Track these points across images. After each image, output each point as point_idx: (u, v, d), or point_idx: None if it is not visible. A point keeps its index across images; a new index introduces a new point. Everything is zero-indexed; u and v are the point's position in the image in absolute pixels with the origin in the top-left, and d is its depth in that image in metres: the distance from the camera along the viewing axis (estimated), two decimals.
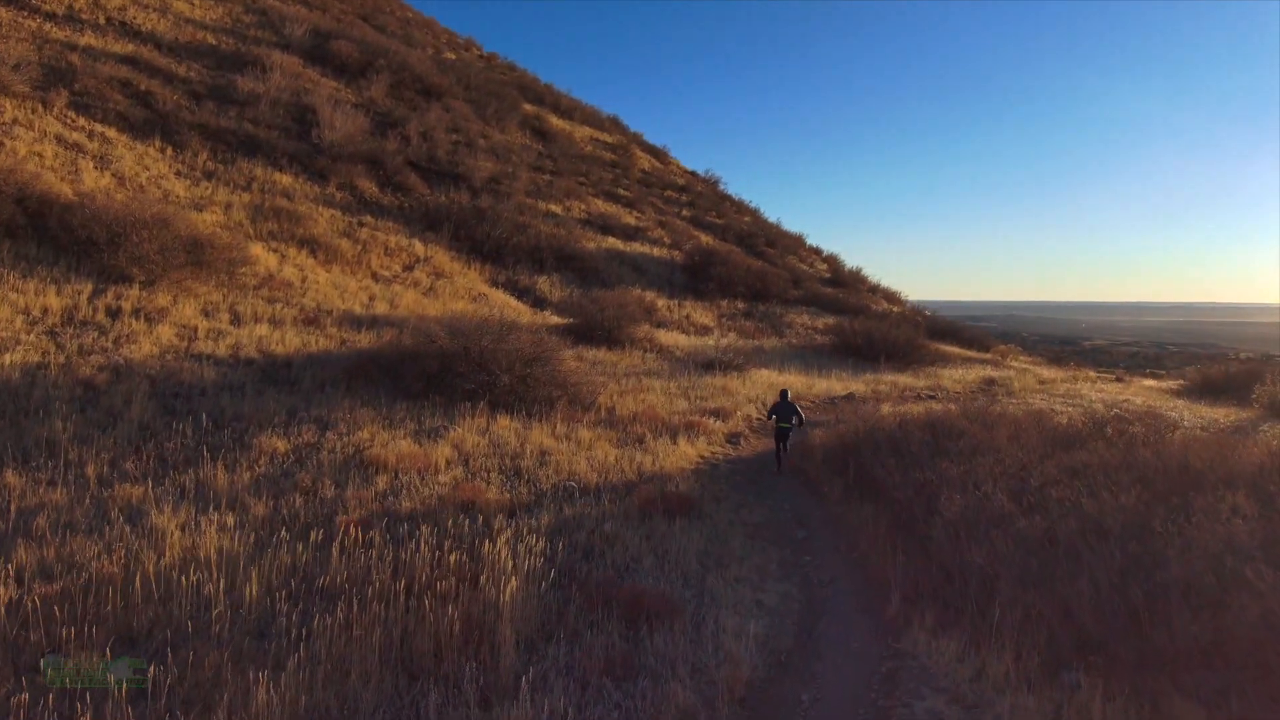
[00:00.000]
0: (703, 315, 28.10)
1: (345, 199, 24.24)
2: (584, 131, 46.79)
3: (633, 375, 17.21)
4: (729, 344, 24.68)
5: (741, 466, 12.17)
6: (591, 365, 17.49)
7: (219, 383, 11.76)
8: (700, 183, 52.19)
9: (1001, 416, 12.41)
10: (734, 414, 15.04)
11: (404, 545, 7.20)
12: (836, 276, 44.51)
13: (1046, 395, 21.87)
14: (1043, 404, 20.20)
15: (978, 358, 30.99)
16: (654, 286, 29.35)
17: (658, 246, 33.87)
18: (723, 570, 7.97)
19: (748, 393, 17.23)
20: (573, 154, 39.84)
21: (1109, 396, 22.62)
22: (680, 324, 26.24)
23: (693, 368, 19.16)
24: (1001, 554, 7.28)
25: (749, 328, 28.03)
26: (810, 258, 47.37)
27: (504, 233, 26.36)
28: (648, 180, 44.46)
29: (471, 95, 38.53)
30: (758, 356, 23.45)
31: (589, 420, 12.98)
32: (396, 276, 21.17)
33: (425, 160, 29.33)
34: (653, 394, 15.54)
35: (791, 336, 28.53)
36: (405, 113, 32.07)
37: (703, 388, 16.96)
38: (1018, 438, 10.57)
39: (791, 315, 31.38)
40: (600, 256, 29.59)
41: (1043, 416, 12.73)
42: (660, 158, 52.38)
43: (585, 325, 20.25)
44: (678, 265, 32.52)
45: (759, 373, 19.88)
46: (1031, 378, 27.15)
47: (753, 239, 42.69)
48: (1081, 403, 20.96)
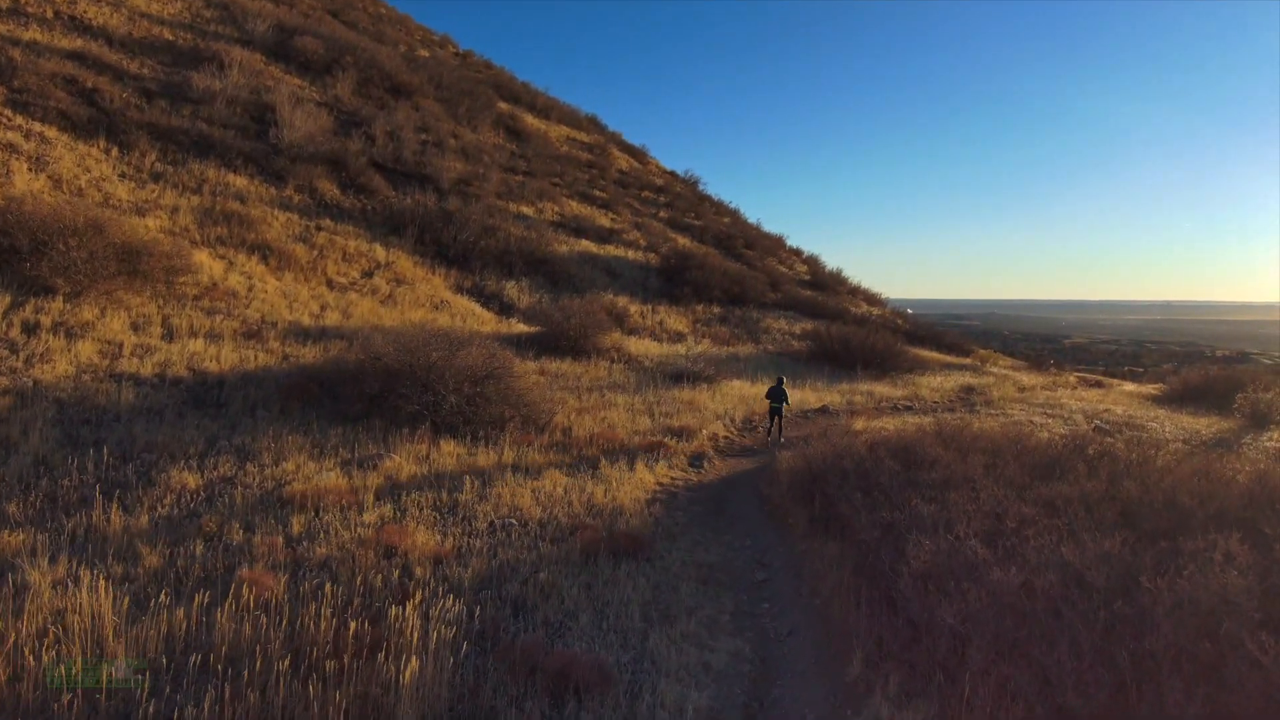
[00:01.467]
0: (677, 321, 27.31)
1: (303, 202, 23.25)
2: (560, 131, 45.89)
3: (596, 389, 16.38)
4: (702, 352, 23.91)
5: (703, 494, 11.37)
6: (553, 379, 16.66)
7: (137, 406, 10.82)
8: (679, 183, 51.41)
9: (977, 439, 11.68)
10: (699, 433, 14.24)
11: (305, 607, 6.36)
12: (816, 279, 43.88)
13: (1025, 405, 21.26)
14: (1021, 415, 19.59)
15: (957, 363, 30.40)
16: (627, 291, 28.54)
17: (633, 249, 33.05)
18: (669, 625, 7.17)
19: (716, 408, 16.44)
20: (547, 154, 38.93)
21: (1089, 406, 22.06)
22: (653, 330, 25.44)
23: (661, 380, 18.35)
24: (974, 611, 6.52)
25: (724, 334, 27.26)
26: (790, 259, 46.71)
27: (471, 236, 25.46)
28: (625, 181, 43.62)
29: (443, 94, 37.54)
30: (731, 365, 22.69)
31: (542, 443, 12.15)
32: (354, 284, 20.22)
33: (391, 161, 28.34)
34: (615, 411, 14.72)
35: (768, 342, 27.79)
36: (372, 112, 31.06)
37: (669, 403, 16.15)
38: (994, 466, 9.84)
39: (769, 320, 30.65)
40: (572, 260, 28.73)
41: (1021, 437, 12.01)
42: (639, 158, 51.55)
43: (550, 335, 19.41)
44: (653, 269, 31.72)
45: (730, 384, 19.09)
46: (1011, 385, 26.56)
47: (731, 241, 41.96)
48: (1061, 413, 20.39)
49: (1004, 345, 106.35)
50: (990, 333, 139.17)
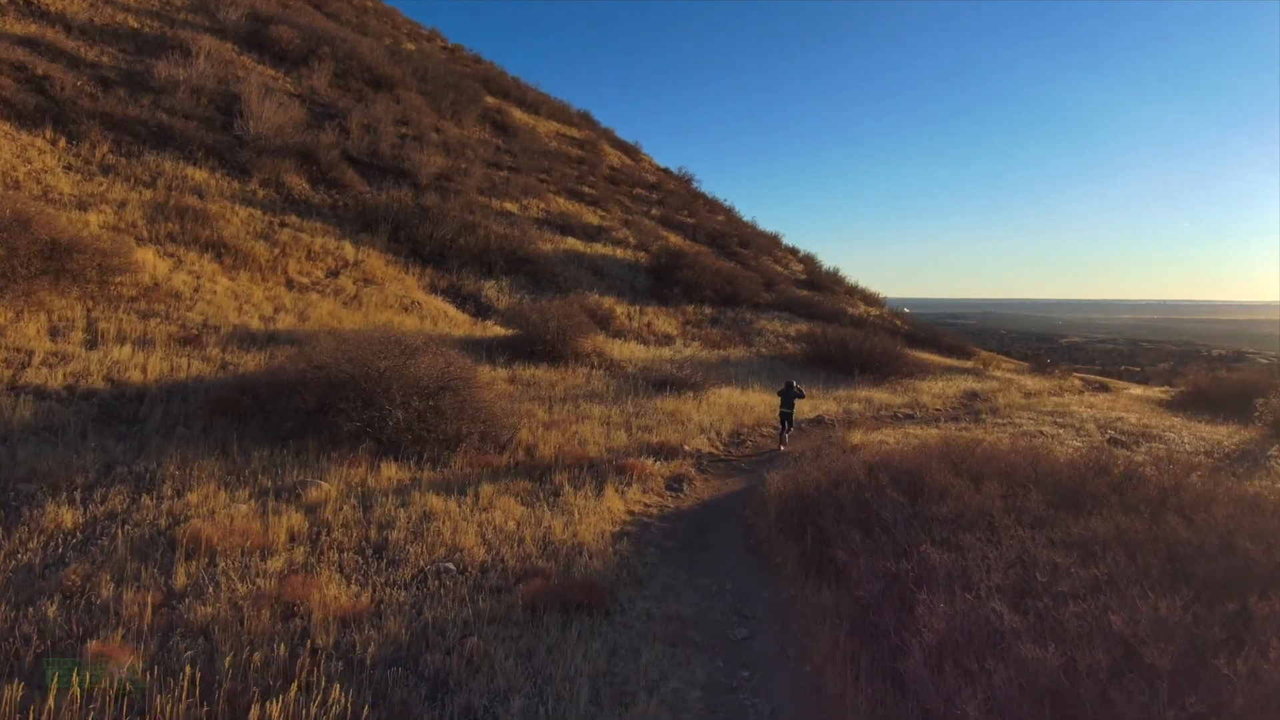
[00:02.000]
0: (665, 323, 25.91)
1: (269, 197, 21.81)
2: (550, 126, 44.48)
3: (571, 399, 14.97)
4: (691, 355, 22.52)
5: (680, 524, 9.96)
6: (524, 388, 15.26)
7: (32, 425, 9.40)
8: (673, 180, 50.01)
9: (990, 460, 10.32)
10: (681, 449, 12.83)
11: (161, 693, 4.96)
12: (813, 278, 42.50)
13: (1034, 414, 19.89)
14: (1030, 424, 18.23)
15: (959, 366, 29.03)
16: (614, 291, 27.13)
17: (622, 247, 31.64)
18: (623, 709, 5.78)
19: (701, 419, 15.03)
20: (535, 149, 37.49)
21: (1100, 414, 20.69)
22: (639, 333, 24.04)
23: (644, 388, 16.95)
24: (1003, 700, 5.14)
25: (715, 336, 25.87)
26: (786, 258, 45.32)
27: (449, 233, 24.04)
28: (616, 178, 42.20)
29: (427, 87, 36.09)
30: (721, 370, 21.29)
31: (501, 465, 10.75)
32: (317, 284, 18.79)
33: (367, 155, 26.90)
34: (588, 424, 13.31)
35: (761, 345, 26.40)
36: (350, 104, 29.61)
37: (650, 414, 14.75)
38: (1012, 496, 8.45)
39: (762, 321, 29.25)
40: (557, 259, 27.33)
41: (1038, 457, 10.63)
42: (631, 154, 50.13)
43: (526, 339, 18.00)
44: (642, 268, 30.32)
45: (718, 393, 17.69)
46: (1016, 390, 25.20)
47: (725, 239, 40.58)
48: (1073, 422, 19.03)
49: (1001, 344, 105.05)
50: (987, 332, 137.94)
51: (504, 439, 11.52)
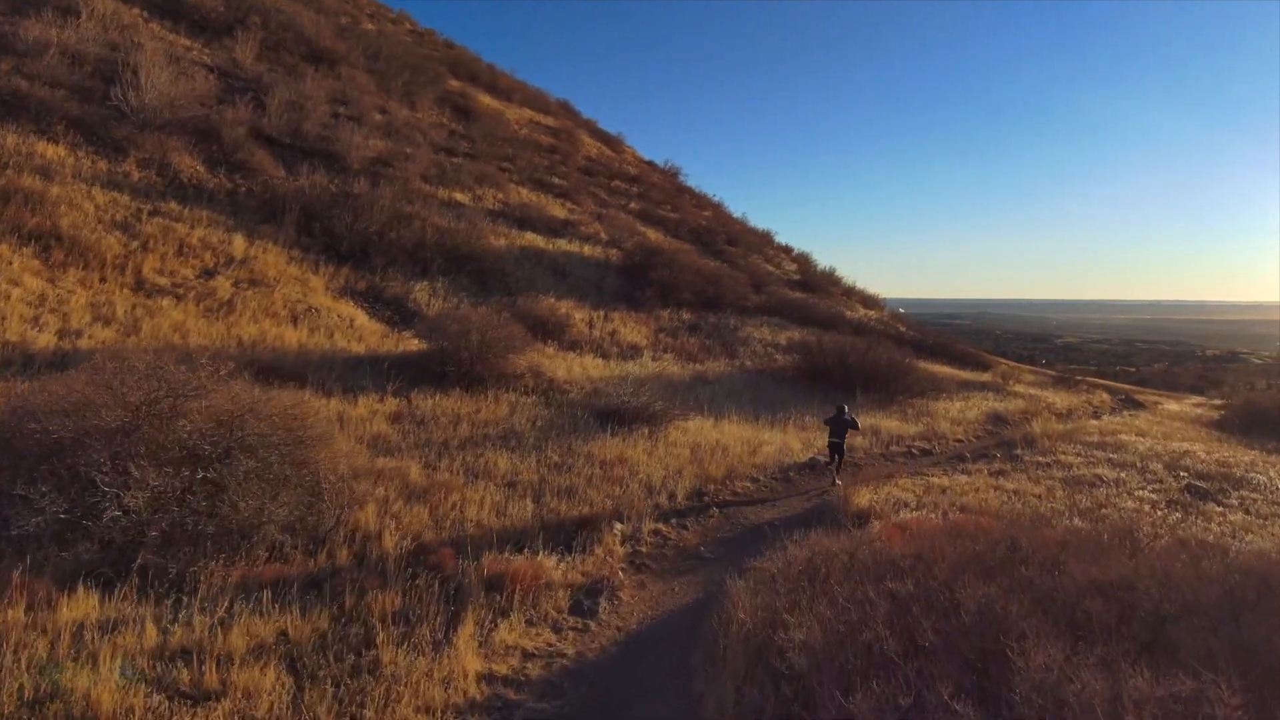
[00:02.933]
0: (634, 331, 21.77)
1: (145, 180, 17.65)
2: (522, 114, 40.32)
3: (473, 445, 10.83)
4: (659, 372, 18.40)
5: (575, 699, 5.81)
6: (413, 429, 11.11)
7: None
8: (657, 173, 45.91)
9: (1083, 553, 6.28)
10: (610, 528, 8.70)
11: None
12: (807, 278, 38.42)
13: (1080, 447, 15.79)
14: (1083, 466, 14.16)
15: (975, 381, 24.92)
16: (576, 293, 23.00)
17: (590, 244, 27.50)
18: None
19: (651, 472, 10.87)
20: (499, 135, 33.31)
21: (1158, 445, 16.61)
22: (600, 344, 19.89)
23: (584, 423, 12.80)
24: None
25: (692, 347, 21.74)
26: (778, 257, 41.25)
27: (374, 225, 19.89)
28: (591, 169, 38.06)
29: (378, 66, 31.92)
30: (693, 392, 17.16)
31: (298, 574, 6.64)
32: (179, 285, 14.66)
33: (287, 134, 22.75)
34: (481, 489, 9.19)
35: (746, 357, 22.28)
36: (278, 79, 25.46)
37: (580, 466, 10.61)
38: (1161, 680, 4.37)
39: (749, 328, 25.12)
40: (510, 256, 23.20)
41: (1167, 572, 6.54)
42: (613, 145, 46.00)
43: (437, 357, 13.88)
44: (613, 267, 26.18)
45: (684, 427, 13.54)
46: (1046, 411, 21.12)
47: (711, 236, 36.50)
48: (1130, 459, 14.96)
49: (996, 345, 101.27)
50: (982, 332, 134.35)
51: (325, 528, 7.39)
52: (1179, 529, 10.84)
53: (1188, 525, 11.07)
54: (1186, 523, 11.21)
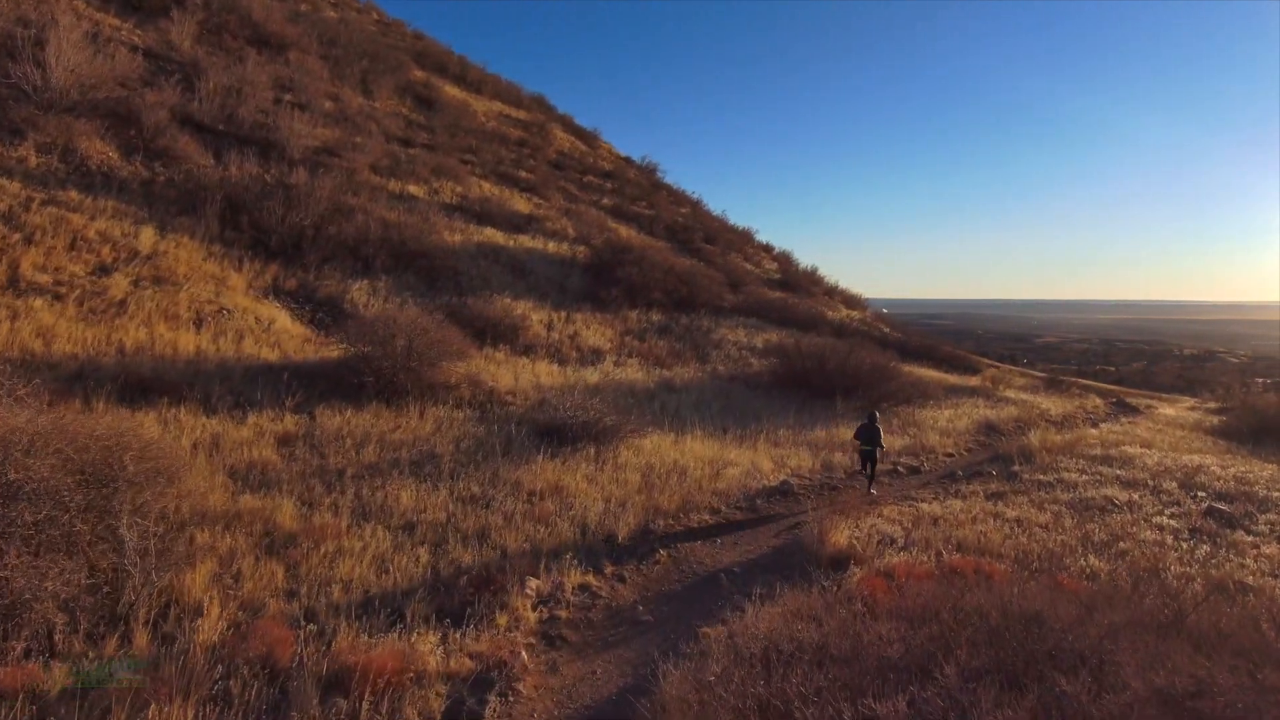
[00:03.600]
0: (597, 333, 19.96)
1: (43, 166, 15.67)
2: (492, 107, 38.39)
3: (379, 473, 8.97)
4: (621, 380, 16.61)
5: None
6: (308, 453, 9.24)
7: None
8: (633, 169, 44.10)
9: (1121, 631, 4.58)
10: (524, 588, 6.86)
11: None
12: (787, 278, 36.77)
13: (1083, 462, 14.13)
14: (1088, 485, 12.50)
15: (963, 385, 23.28)
16: (537, 293, 21.17)
17: (556, 240, 25.66)
18: None
19: (589, 506, 9.00)
20: (464, 127, 31.38)
21: (1168, 458, 15.00)
22: (558, 348, 18.06)
23: (521, 442, 10.97)
24: None
25: (660, 350, 19.95)
26: (757, 255, 39.59)
27: (310, 218, 17.99)
28: (563, 163, 36.21)
29: (334, 52, 29.91)
30: (657, 402, 15.39)
31: None
32: (62, 284, 12.70)
33: (220, 120, 20.77)
34: (369, 532, 7.35)
35: (719, 361, 20.50)
36: (218, 62, 23.45)
37: (503, 496, 8.78)
38: None
39: (724, 330, 23.38)
40: (465, 253, 21.32)
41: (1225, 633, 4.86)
42: (587, 140, 44.14)
43: (358, 364, 12.00)
44: (579, 264, 24.36)
45: (639, 445, 11.72)
46: (1039, 418, 19.50)
47: (688, 234, 34.76)
48: (1141, 475, 13.34)
49: (978, 344, 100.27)
50: (964, 332, 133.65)
51: (128, 602, 5.53)
52: (1210, 567, 9.18)
53: (1219, 561, 9.41)
54: (1217, 558, 9.55)
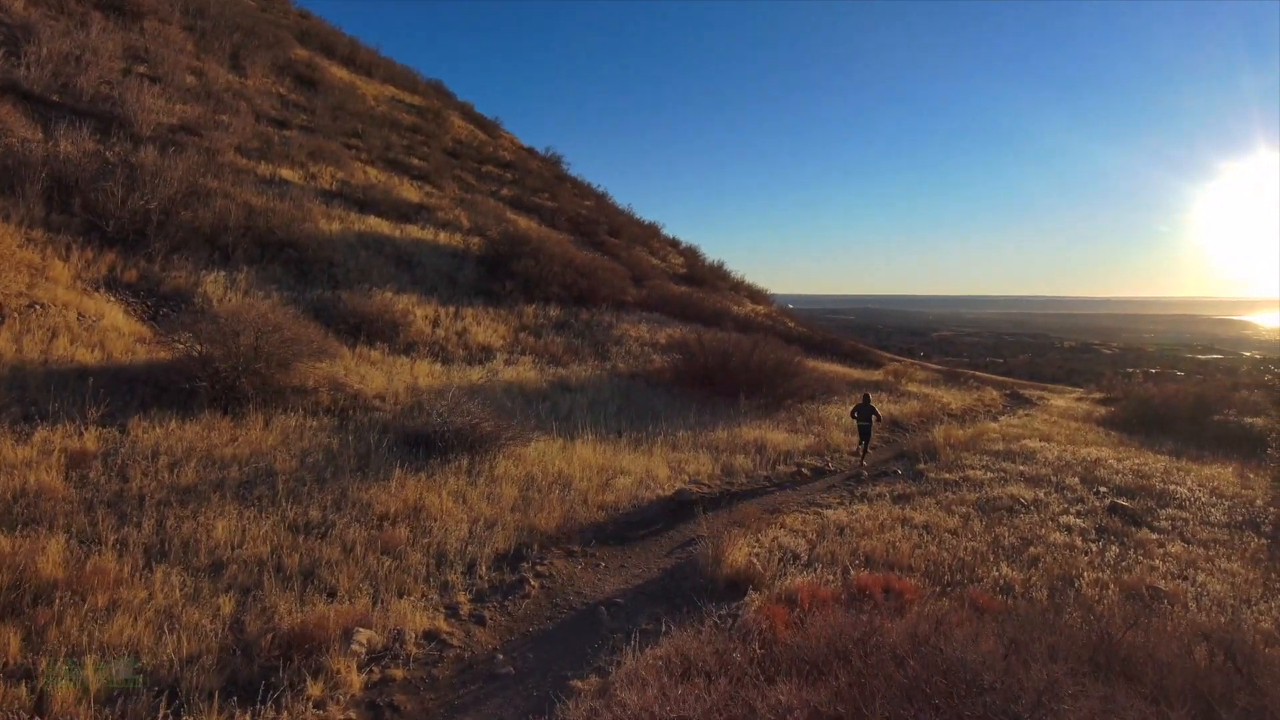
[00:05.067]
0: (489, 330, 18.53)
1: None
2: (384, 91, 36.09)
3: (192, 497, 7.39)
4: (512, 378, 15.30)
5: None
6: (102, 476, 7.57)
7: None
8: (536, 160, 42.56)
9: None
10: (349, 644, 5.52)
11: None
12: (694, 272, 36.13)
13: (987, 458, 13.77)
14: (994, 484, 12.05)
15: (867, 380, 23.02)
16: (424, 286, 19.54)
17: (448, 231, 24.00)
18: None
19: (453, 530, 7.68)
20: (350, 110, 29.15)
21: (1067, 453, 14.86)
22: (443, 346, 16.57)
23: (385, 450, 9.56)
24: None
25: (557, 347, 18.70)
26: (664, 249, 38.81)
27: (157, 201, 15.85)
28: (460, 152, 34.34)
29: (202, 24, 27.20)
30: (552, 401, 14.17)
31: None
32: None
33: (53, 90, 18.21)
34: (160, 576, 5.87)
35: (619, 359, 19.42)
36: (56, 27, 20.68)
37: (346, 523, 7.36)
38: None
39: (626, 325, 22.33)
40: (343, 243, 19.46)
41: None
42: (488, 129, 42.29)
43: (189, 368, 10.25)
44: (472, 256, 22.79)
45: (522, 452, 10.47)
46: (941, 412, 19.33)
47: (593, 226, 33.58)
48: (1044, 471, 13.05)
49: (879, 339, 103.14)
50: (866, 327, 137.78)
51: None
52: (1122, 570, 8.71)
53: (1129, 564, 8.96)
54: (1126, 559, 9.11)
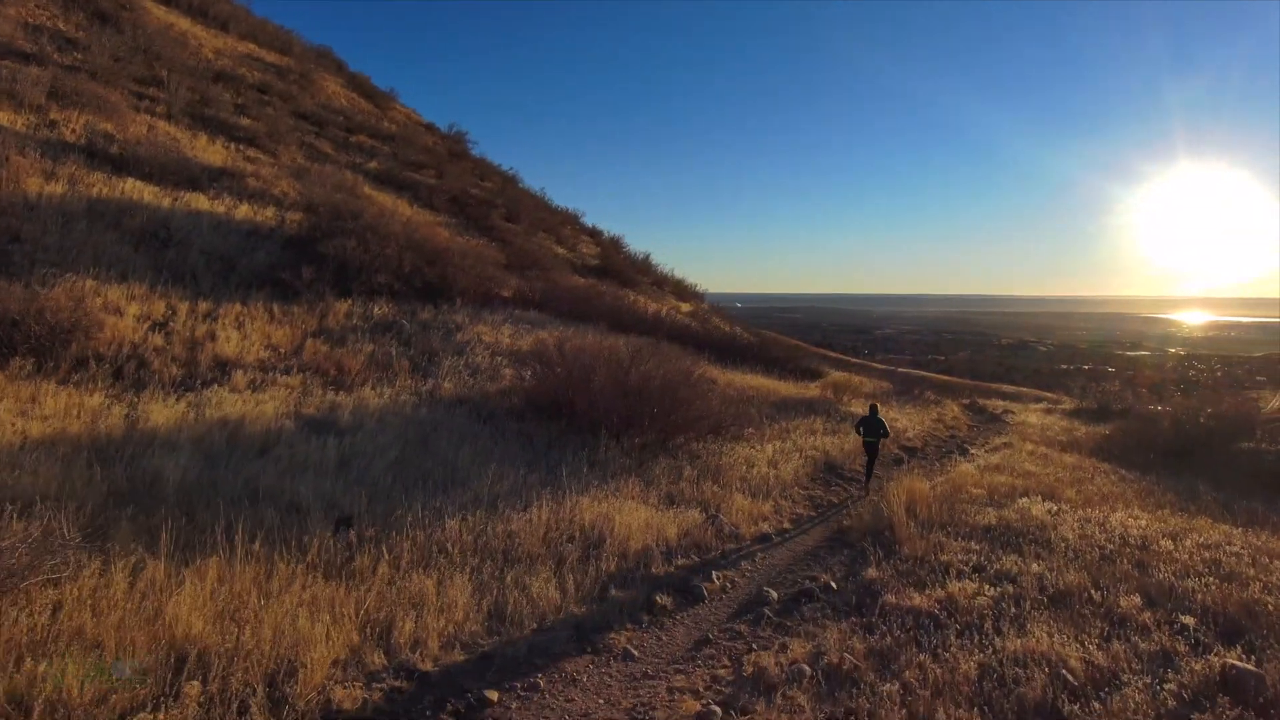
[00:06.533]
0: (255, 336, 12.55)
1: None
2: (236, 46, 29.63)
3: None
4: (225, 417, 9.47)
5: None
6: None
7: None
8: (433, 137, 36.56)
9: None
10: None
11: None
12: (609, 264, 30.62)
13: (973, 543, 8.46)
14: (985, 600, 6.68)
15: (800, 397, 17.71)
16: (172, 274, 13.50)
17: (255, 203, 17.96)
18: None
19: None
20: (161, 55, 22.77)
21: (1088, 522, 9.67)
22: (150, 361, 10.65)
23: None
24: None
25: (354, 361, 12.83)
26: (575, 238, 33.21)
27: None
28: (324, 119, 28.11)
29: None
30: (275, 455, 8.43)
31: None
32: None
33: None
34: None
35: (451, 376, 13.63)
36: None
37: None
38: None
39: (482, 327, 16.60)
40: (56, 211, 13.34)
41: None
42: (377, 101, 36.07)
43: None
44: (280, 236, 16.83)
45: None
46: (894, 443, 14.13)
47: (482, 209, 27.75)
48: (1073, 572, 7.70)
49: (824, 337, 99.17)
50: (812, 325, 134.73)
51: None
52: None
53: None
54: None
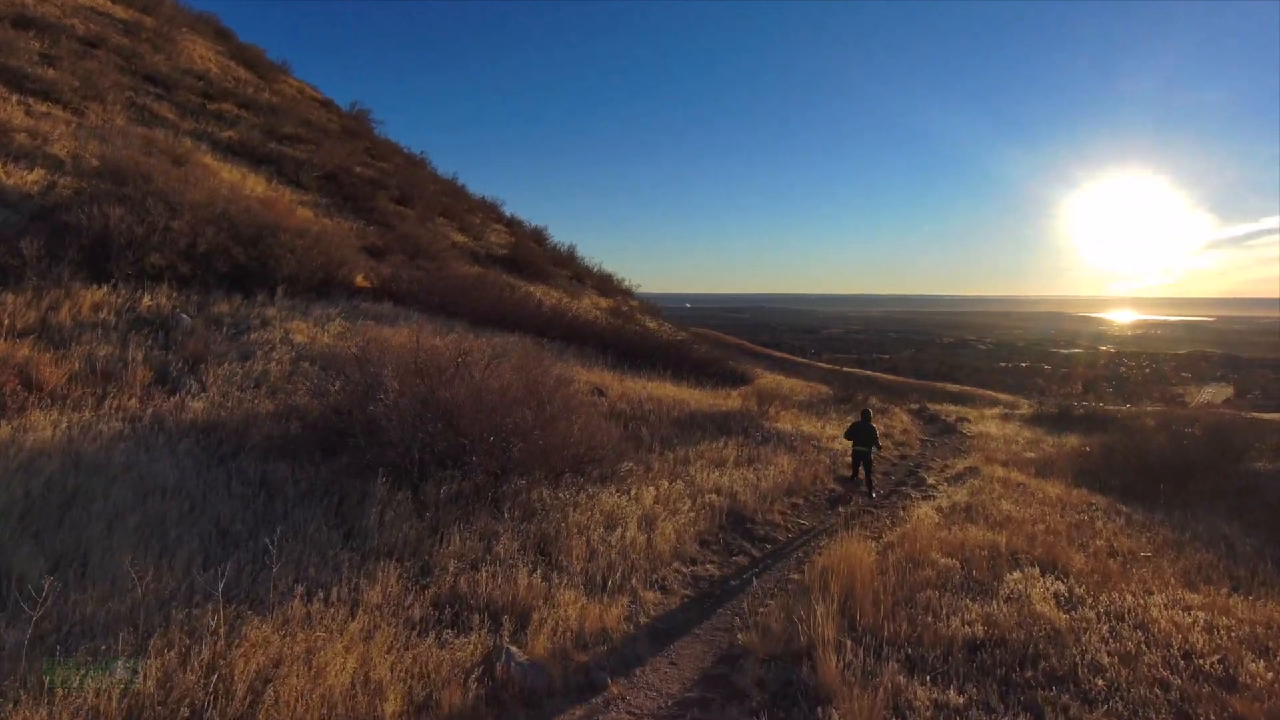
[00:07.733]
0: None
1: None
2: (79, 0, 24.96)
3: None
4: None
5: None
6: None
7: None
8: (331, 114, 32.24)
9: None
10: None
11: None
12: (519, 255, 26.78)
13: (951, 692, 5.05)
14: None
15: (716, 410, 14.14)
16: None
17: (26, 164, 13.75)
18: None
19: None
20: None
21: (1113, 618, 6.27)
22: None
23: None
24: None
25: (47, 368, 8.91)
26: (483, 226, 29.30)
27: None
28: (178, 82, 23.63)
29: None
30: None
31: None
32: None
33: None
34: None
35: (222, 391, 9.71)
36: None
37: None
38: None
39: (298, 323, 12.62)
40: None
41: None
42: (261, 70, 31.52)
43: None
44: (34, 205, 12.65)
45: None
46: (826, 477, 10.69)
47: (367, 189, 23.66)
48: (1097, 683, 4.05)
49: (773, 337, 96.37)
50: (760, 325, 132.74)
51: None
52: None
53: None
54: None
